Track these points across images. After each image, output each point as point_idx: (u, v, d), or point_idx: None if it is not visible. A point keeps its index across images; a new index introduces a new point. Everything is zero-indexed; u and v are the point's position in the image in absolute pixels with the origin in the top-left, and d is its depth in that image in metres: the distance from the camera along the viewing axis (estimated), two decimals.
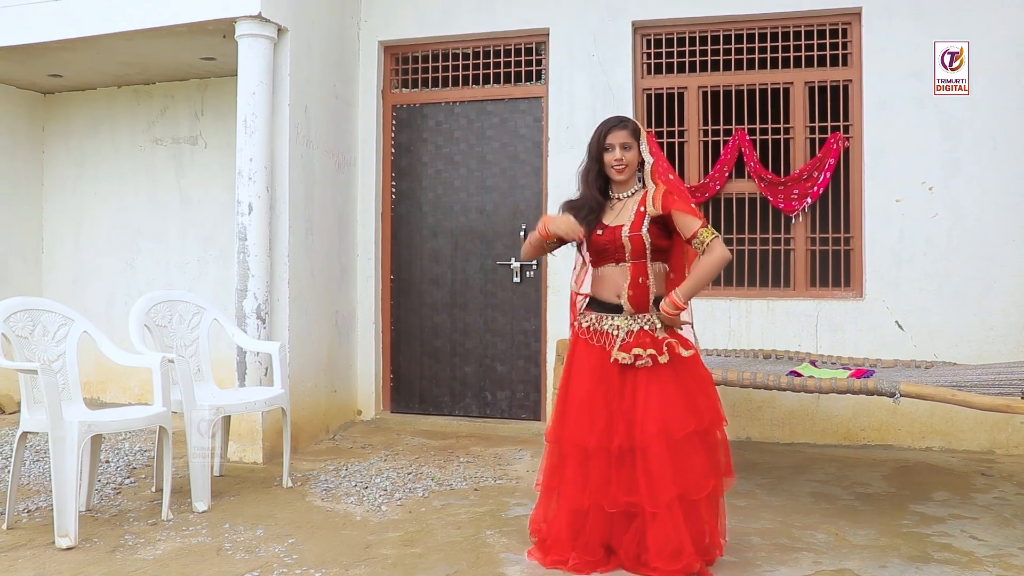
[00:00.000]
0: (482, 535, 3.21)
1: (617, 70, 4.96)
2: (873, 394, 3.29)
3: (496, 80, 5.29)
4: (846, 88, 4.77)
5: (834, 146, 4.71)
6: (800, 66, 4.84)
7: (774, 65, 4.89)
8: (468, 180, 5.31)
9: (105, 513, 3.52)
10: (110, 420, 3.36)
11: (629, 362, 2.77)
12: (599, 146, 2.89)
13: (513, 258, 5.18)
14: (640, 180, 2.95)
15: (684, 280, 2.89)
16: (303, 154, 4.72)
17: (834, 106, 4.80)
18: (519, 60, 5.24)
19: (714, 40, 4.94)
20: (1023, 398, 3.04)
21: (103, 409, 3.66)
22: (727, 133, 4.91)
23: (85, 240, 6.11)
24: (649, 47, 5.04)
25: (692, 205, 2.88)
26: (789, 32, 4.83)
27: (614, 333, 2.83)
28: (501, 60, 5.27)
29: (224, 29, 4.55)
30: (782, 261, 4.89)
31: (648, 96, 5.04)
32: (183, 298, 4.12)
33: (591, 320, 2.90)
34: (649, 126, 5.01)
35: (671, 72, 5.01)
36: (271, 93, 4.47)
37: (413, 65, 5.46)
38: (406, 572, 2.84)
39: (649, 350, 2.77)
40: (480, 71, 5.31)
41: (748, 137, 4.85)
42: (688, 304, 2.82)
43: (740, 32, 4.90)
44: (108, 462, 4.32)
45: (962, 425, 4.53)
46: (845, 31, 4.76)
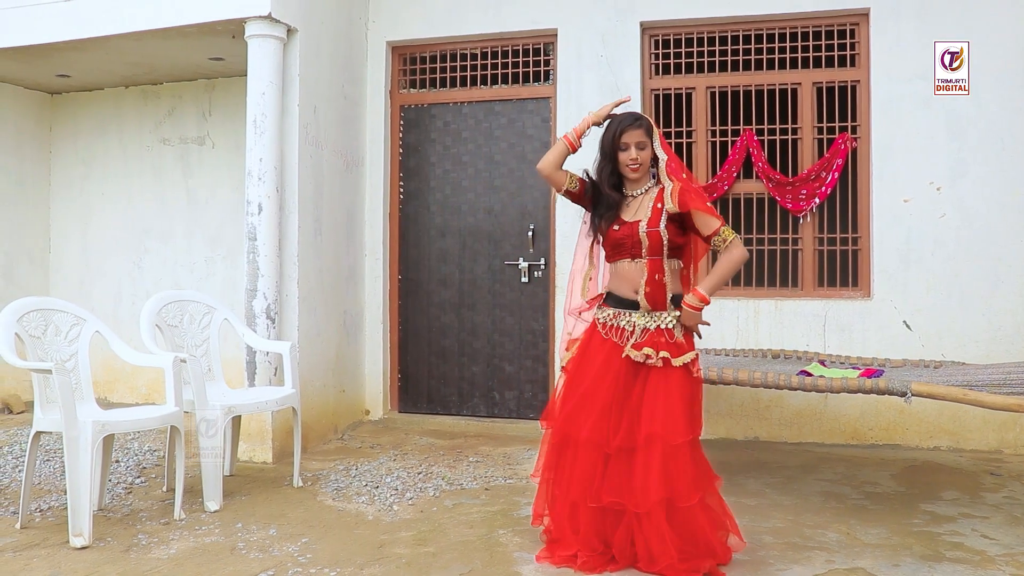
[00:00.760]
0: (495, 534, 3.22)
1: (625, 70, 4.97)
2: (884, 393, 3.30)
3: (504, 80, 5.30)
4: (854, 88, 4.78)
5: (842, 146, 4.72)
6: (808, 67, 4.85)
7: (782, 66, 4.90)
8: (476, 180, 5.32)
9: (117, 513, 3.53)
10: (123, 420, 3.37)
11: (641, 360, 2.78)
12: (614, 145, 2.89)
13: (521, 258, 5.18)
14: (653, 176, 2.96)
15: (698, 278, 2.90)
16: (312, 154, 4.73)
17: (842, 106, 4.81)
18: (527, 60, 5.25)
19: (722, 41, 4.95)
20: None
21: (114, 409, 3.67)
22: (735, 133, 4.92)
23: (92, 240, 6.12)
24: (657, 47, 5.05)
25: (708, 204, 2.89)
26: (797, 33, 4.84)
27: (629, 329, 2.84)
28: (509, 60, 5.28)
29: (233, 29, 4.56)
30: (790, 261, 4.90)
31: (656, 96, 5.05)
32: (194, 298, 4.13)
33: (608, 315, 2.91)
34: (657, 126, 5.00)
35: (679, 72, 5.02)
36: (281, 93, 4.48)
37: (421, 65, 5.47)
38: (420, 571, 2.85)
39: (663, 352, 2.78)
40: (488, 71, 5.32)
41: (756, 137, 4.85)
42: (710, 300, 2.83)
43: (748, 33, 4.91)
44: (118, 462, 4.33)
45: (970, 425, 4.54)
46: (853, 32, 4.77)
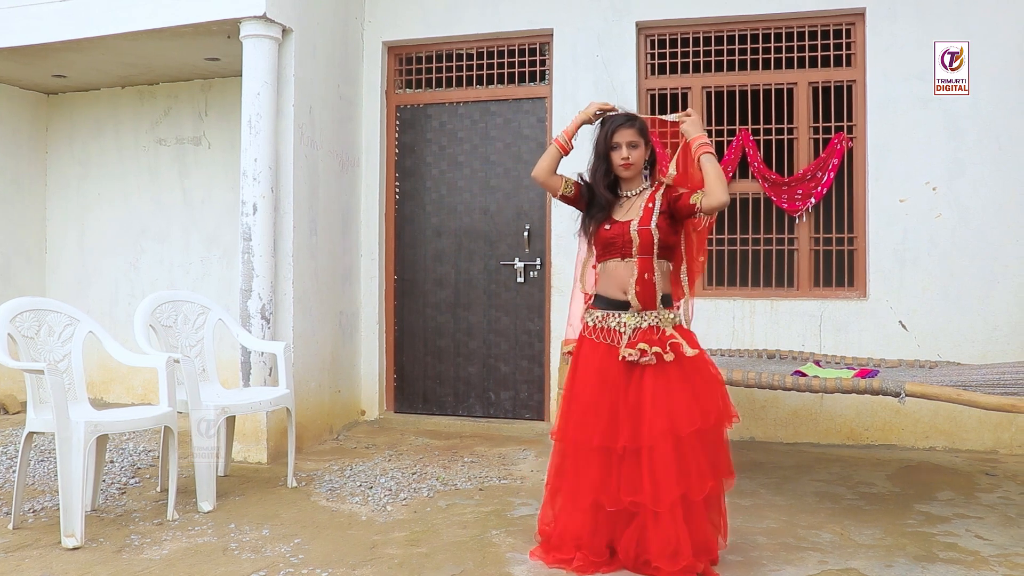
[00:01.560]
0: (488, 535, 3.21)
1: (621, 70, 4.96)
2: (879, 394, 3.29)
3: (500, 81, 5.30)
4: (850, 88, 4.78)
5: (838, 146, 4.71)
6: (804, 66, 4.85)
7: (778, 65, 4.89)
8: (472, 181, 5.31)
9: (110, 513, 3.52)
10: (116, 420, 3.36)
11: (635, 359, 2.78)
12: (606, 144, 2.89)
13: (517, 258, 5.18)
14: (647, 178, 2.96)
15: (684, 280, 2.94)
16: (307, 154, 4.73)
17: (838, 106, 4.80)
18: (523, 60, 5.25)
19: (718, 40, 4.95)
20: None
21: (108, 409, 3.66)
22: (731, 133, 4.91)
23: (89, 240, 6.12)
24: (653, 47, 5.04)
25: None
26: (793, 32, 4.83)
27: (620, 330, 2.84)
28: (505, 60, 5.28)
29: (229, 30, 4.56)
30: (786, 261, 4.90)
31: (652, 96, 5.04)
32: (188, 298, 4.12)
33: (597, 318, 2.90)
34: (653, 127, 5.00)
35: (675, 72, 5.02)
36: (276, 94, 4.48)
37: (417, 66, 5.47)
38: (413, 572, 2.85)
39: (655, 348, 2.78)
40: (484, 71, 5.32)
41: (752, 137, 4.85)
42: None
43: (744, 32, 4.90)
44: (112, 462, 4.32)
45: (966, 425, 4.53)
46: (849, 31, 4.77)
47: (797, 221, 4.83)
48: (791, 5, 4.75)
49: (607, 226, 2.88)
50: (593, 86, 4.97)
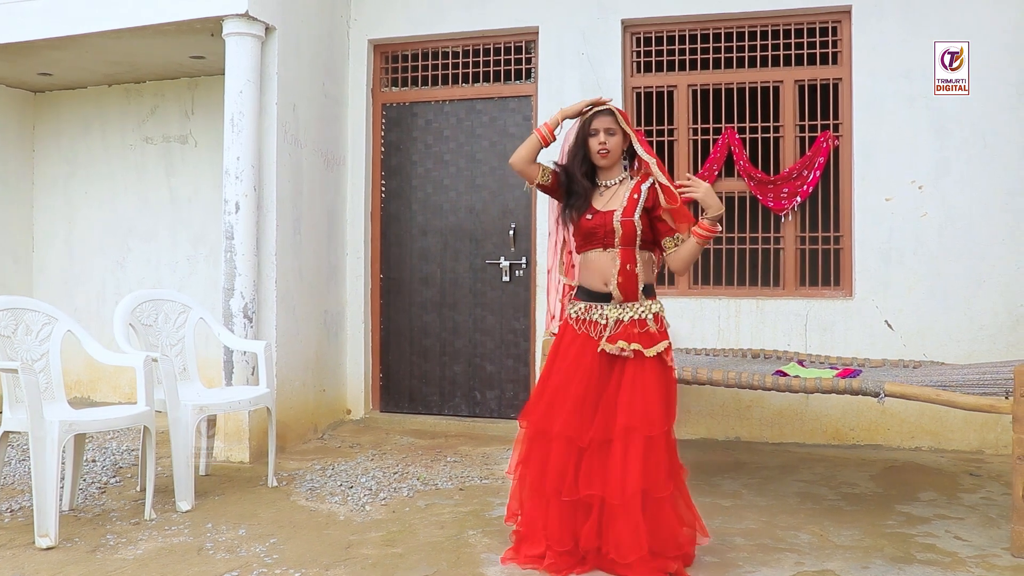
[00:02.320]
0: (464, 535, 3.20)
1: (607, 68, 4.94)
2: (857, 394, 3.28)
3: (486, 79, 5.28)
4: (836, 87, 4.75)
5: (824, 145, 4.69)
6: (790, 64, 4.82)
7: (764, 63, 4.87)
8: (458, 179, 5.30)
9: (88, 513, 3.51)
10: (91, 419, 3.34)
11: (616, 353, 2.76)
12: (584, 131, 2.89)
13: (503, 257, 5.16)
14: (626, 168, 2.95)
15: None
16: (291, 152, 4.71)
17: (824, 105, 4.78)
18: (509, 59, 5.23)
19: (704, 38, 4.93)
20: (1007, 398, 3.02)
21: (89, 408, 3.65)
22: (717, 132, 4.89)
23: (76, 239, 6.10)
24: (639, 45, 5.02)
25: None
26: (779, 30, 4.81)
27: (602, 323, 2.82)
28: (491, 59, 5.25)
29: (212, 27, 4.54)
30: (772, 260, 4.87)
31: (638, 94, 5.02)
32: (169, 297, 4.11)
33: (579, 310, 2.89)
34: (639, 125, 4.99)
35: (661, 70, 4.99)
36: (258, 91, 4.46)
37: (403, 64, 5.45)
38: (385, 572, 2.83)
39: (635, 344, 2.76)
40: (470, 70, 5.30)
41: (738, 135, 4.83)
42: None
43: (730, 30, 4.88)
44: (95, 461, 4.31)
45: (952, 425, 4.51)
46: (835, 29, 4.74)
47: (783, 220, 4.81)
48: (777, 3, 4.73)
49: (589, 215, 2.86)
50: (579, 84, 4.95)
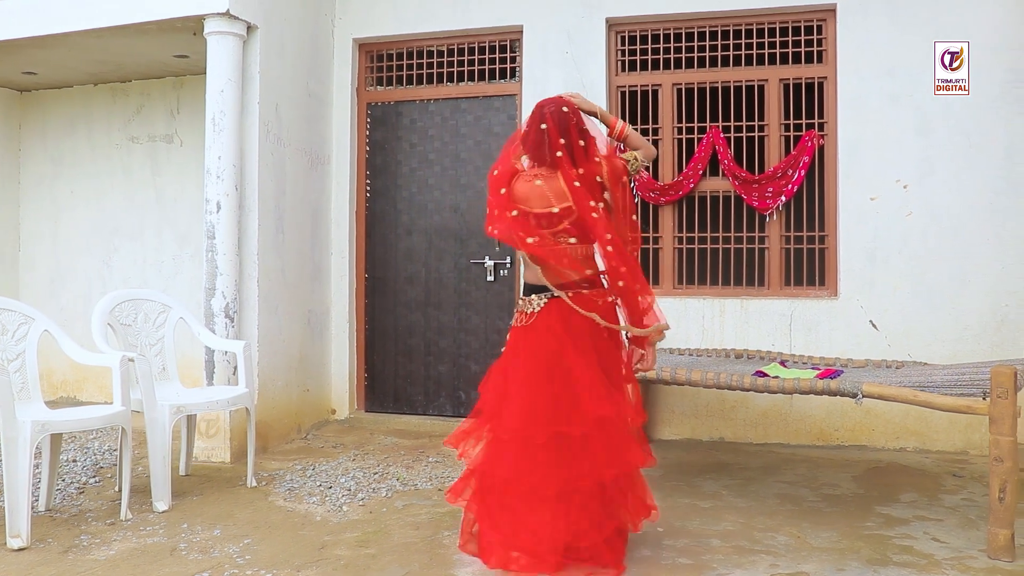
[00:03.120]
0: (439, 536, 3.18)
1: (591, 67, 4.92)
2: (836, 394, 3.27)
3: (471, 78, 5.26)
4: (821, 85, 4.73)
5: (808, 144, 4.67)
6: (775, 63, 4.80)
7: (749, 62, 4.85)
8: (442, 178, 5.28)
9: (65, 513, 3.49)
10: (65, 420, 3.33)
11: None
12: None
13: (487, 256, 5.14)
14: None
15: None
16: (274, 152, 4.69)
17: (809, 103, 4.76)
18: (494, 58, 5.21)
19: (688, 37, 4.91)
20: (985, 399, 3.00)
21: (70, 408, 3.64)
22: (701, 131, 4.87)
23: (62, 239, 6.08)
24: (623, 44, 5.00)
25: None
26: (764, 29, 4.79)
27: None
28: (476, 58, 5.24)
29: (194, 26, 4.52)
30: (756, 260, 4.85)
31: (622, 93, 5.00)
32: (148, 297, 4.09)
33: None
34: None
35: (645, 69, 4.97)
36: (240, 91, 4.44)
37: (388, 63, 5.43)
38: (357, 573, 2.81)
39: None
40: (455, 69, 5.28)
41: (722, 135, 4.81)
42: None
43: (715, 29, 4.86)
44: (75, 461, 4.30)
45: (937, 426, 4.49)
46: (820, 28, 4.72)
47: (768, 219, 4.79)
48: (762, 1, 4.71)
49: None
50: (563, 83, 4.92)
